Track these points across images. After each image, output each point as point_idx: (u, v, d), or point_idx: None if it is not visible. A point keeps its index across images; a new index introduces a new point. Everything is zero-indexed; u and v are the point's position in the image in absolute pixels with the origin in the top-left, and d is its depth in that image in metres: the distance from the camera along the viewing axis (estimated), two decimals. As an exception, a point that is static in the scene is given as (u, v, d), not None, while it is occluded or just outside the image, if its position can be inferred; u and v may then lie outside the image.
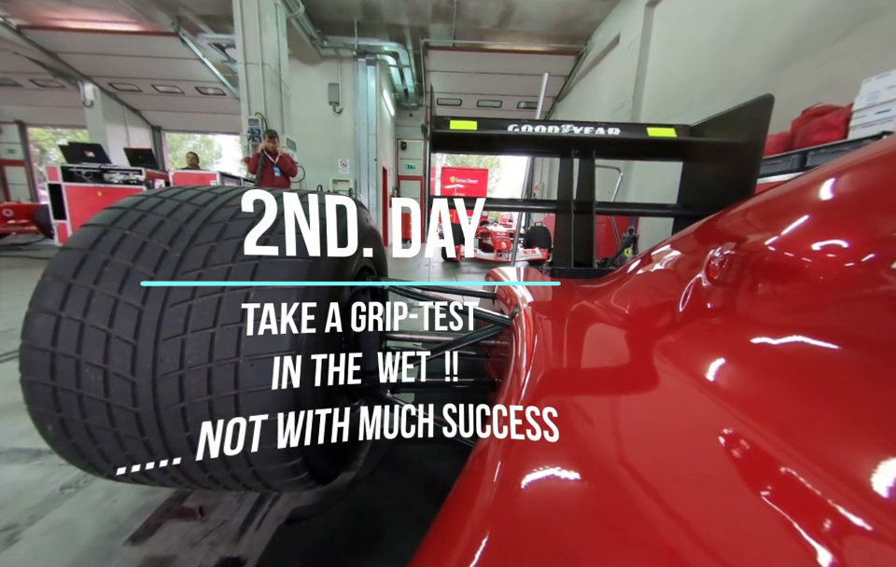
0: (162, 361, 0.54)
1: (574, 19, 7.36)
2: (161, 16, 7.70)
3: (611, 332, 0.66)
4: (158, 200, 0.68)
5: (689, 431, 0.36)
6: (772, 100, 1.11)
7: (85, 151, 4.88)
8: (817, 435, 0.30)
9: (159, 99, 11.12)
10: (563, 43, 8.15)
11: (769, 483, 0.26)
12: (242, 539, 0.83)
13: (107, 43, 8.63)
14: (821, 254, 0.40)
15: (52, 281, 0.56)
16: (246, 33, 5.74)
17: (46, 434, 0.59)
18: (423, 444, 0.99)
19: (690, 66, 5.06)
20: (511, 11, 7.22)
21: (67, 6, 7.61)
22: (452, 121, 1.38)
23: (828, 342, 0.36)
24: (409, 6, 7.27)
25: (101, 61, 9.30)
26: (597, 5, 6.84)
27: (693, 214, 1.31)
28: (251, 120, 5.86)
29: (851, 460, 0.27)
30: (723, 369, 0.41)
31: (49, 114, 12.07)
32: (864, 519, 0.22)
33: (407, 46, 8.47)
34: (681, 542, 0.24)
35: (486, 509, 0.32)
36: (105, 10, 7.69)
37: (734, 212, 0.62)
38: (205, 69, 8.98)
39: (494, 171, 22.98)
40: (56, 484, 0.99)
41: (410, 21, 7.78)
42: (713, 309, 0.49)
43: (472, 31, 7.99)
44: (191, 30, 8.00)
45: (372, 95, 8.65)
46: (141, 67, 9.51)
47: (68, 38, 8.54)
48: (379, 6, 7.33)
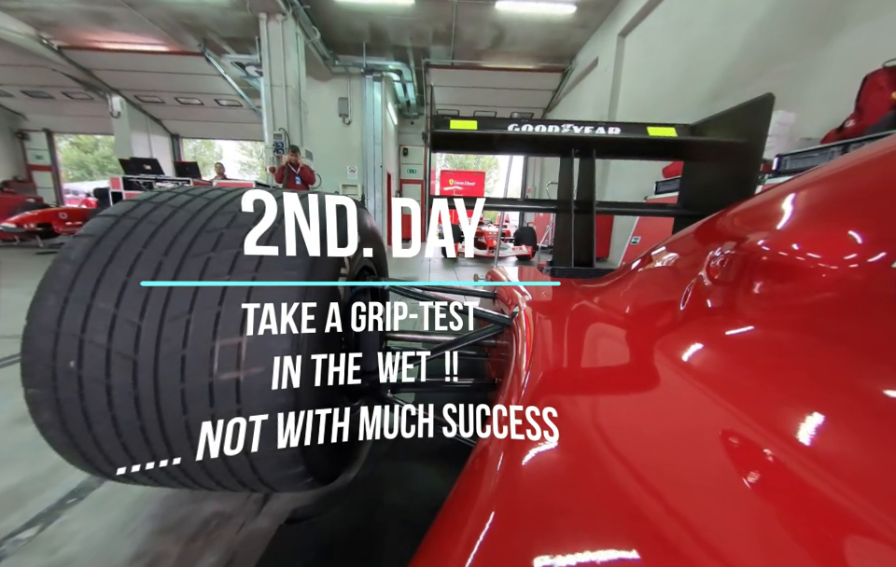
0: (163, 356, 0.53)
1: (559, 42, 8.28)
2: (189, 38, 8.59)
3: (612, 332, 0.65)
4: (171, 195, 0.71)
5: (690, 431, 0.36)
6: (773, 99, 1.11)
7: (143, 164, 5.76)
8: (820, 435, 0.29)
9: (179, 109, 12.01)
10: (550, 62, 9.08)
11: (771, 484, 0.26)
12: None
13: (138, 61, 9.51)
14: (824, 253, 0.40)
15: (63, 263, 0.57)
16: (272, 59, 6.62)
17: (39, 417, 0.56)
18: (423, 444, 0.96)
19: (653, 90, 5.96)
20: (503, 35, 8.13)
21: (106, 30, 8.49)
22: (452, 121, 1.37)
23: (830, 342, 0.36)
24: (412, 31, 8.17)
25: (130, 76, 10.19)
26: (578, 31, 7.75)
27: (693, 214, 1.31)
28: (276, 135, 6.74)
29: (856, 461, 0.26)
30: (725, 369, 0.41)
31: (74, 122, 12.96)
32: (871, 522, 0.21)
33: (410, 64, 9.38)
34: (683, 541, 0.24)
35: (486, 509, 0.32)
36: (139, 33, 8.57)
37: (735, 211, 0.61)
38: (225, 84, 9.86)
39: (492, 171, 23.71)
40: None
41: (413, 43, 8.69)
42: (714, 308, 0.49)
43: (469, 51, 8.89)
44: (216, 50, 8.89)
45: (378, 108, 9.53)
46: (167, 82, 10.40)
47: (103, 57, 9.41)
48: (385, 30, 8.22)
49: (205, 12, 7.55)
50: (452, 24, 7.76)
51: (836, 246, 0.39)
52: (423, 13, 7.44)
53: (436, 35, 8.30)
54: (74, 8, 7.58)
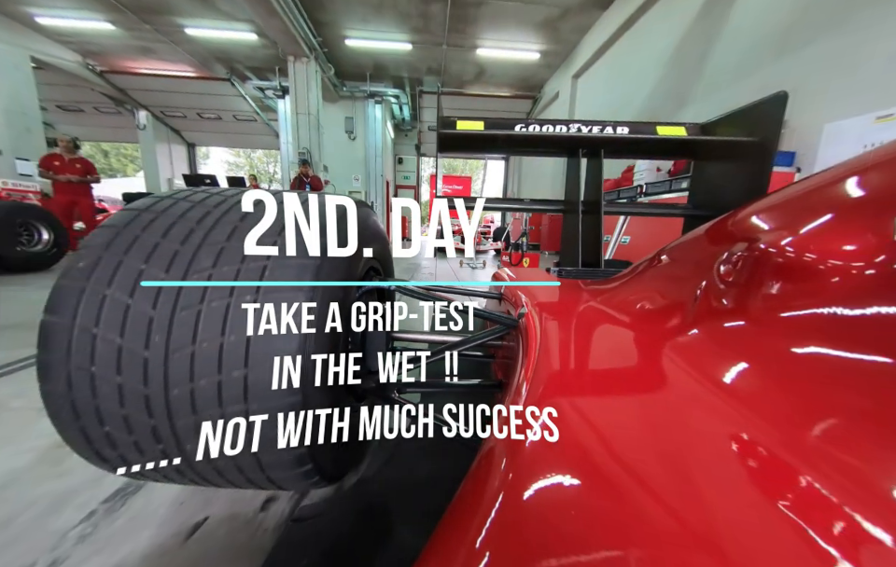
0: (173, 355, 0.54)
1: (529, 76, 10.18)
2: (217, 67, 10.13)
3: (620, 333, 0.65)
4: (187, 193, 0.72)
5: (705, 436, 0.34)
6: (786, 96, 1.12)
7: (204, 179, 7.28)
8: (840, 445, 0.28)
9: (198, 122, 13.46)
10: (522, 90, 11.03)
11: (785, 493, 0.25)
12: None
13: (169, 83, 10.98)
14: (843, 254, 0.39)
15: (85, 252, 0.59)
16: (298, 93, 8.25)
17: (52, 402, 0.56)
18: (428, 444, 0.86)
19: (599, 117, 7.82)
20: (483, 71, 9.98)
21: (145, 58, 9.94)
22: (458, 122, 1.37)
23: (846, 346, 0.35)
24: (408, 66, 9.93)
25: (159, 95, 11.64)
26: (544, 70, 9.65)
27: (704, 214, 1.32)
28: (300, 152, 8.36)
29: (880, 472, 0.25)
30: (740, 374, 0.40)
31: (100, 132, 14.22)
32: (885, 530, 0.20)
33: (406, 90, 11.16)
34: (695, 548, 0.24)
35: (492, 510, 0.31)
36: (174, 61, 10.06)
37: (748, 210, 0.60)
38: (244, 102, 11.40)
39: (478, 173, 25.28)
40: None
41: (409, 74, 10.45)
42: (728, 311, 0.47)
43: (455, 81, 10.71)
44: (240, 77, 10.46)
45: (379, 126, 11.24)
46: (192, 100, 11.91)
47: (138, 79, 10.84)
48: (386, 65, 9.94)
49: (237, 49, 9.13)
50: (441, 63, 9.55)
51: (856, 246, 0.38)
52: (418, 54, 9.21)
53: (428, 69, 10.08)
54: (122, 43, 9.05)
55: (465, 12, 7.45)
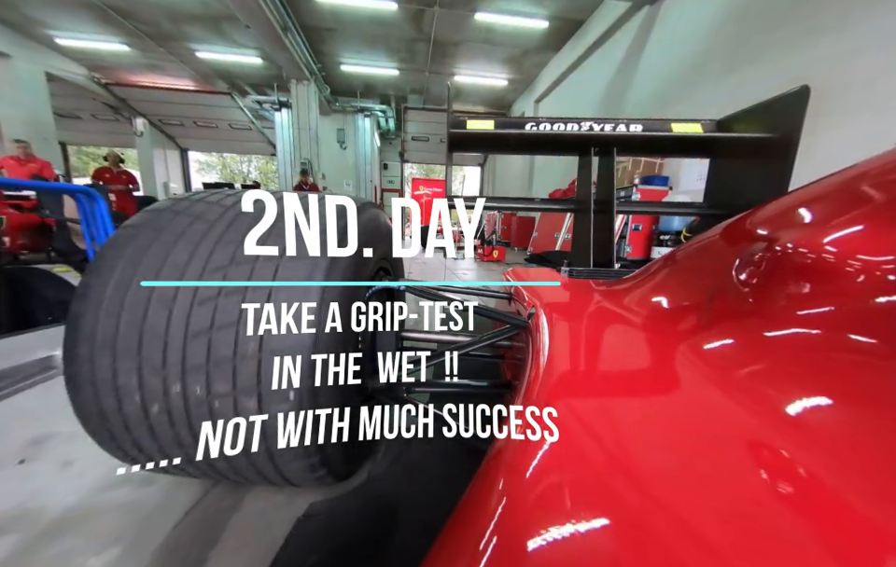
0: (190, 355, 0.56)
1: (500, 98, 11.87)
2: (219, 82, 11.13)
3: (632, 334, 0.64)
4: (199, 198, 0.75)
5: (722, 439, 0.34)
6: (808, 91, 1.10)
7: (224, 188, 8.33)
8: (861, 451, 0.28)
9: (194, 130, 14.23)
10: (495, 108, 12.68)
11: (804, 505, 0.25)
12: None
13: (170, 95, 11.83)
14: (869, 254, 0.38)
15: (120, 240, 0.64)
16: (299, 111, 9.48)
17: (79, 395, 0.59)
18: (438, 443, 0.96)
19: (553, 141, 9.47)
20: (461, 92, 11.56)
21: (149, 72, 10.80)
22: (469, 121, 1.35)
23: (871, 350, 0.34)
24: (394, 87, 11.37)
25: (159, 105, 12.43)
26: (511, 93, 11.38)
27: (720, 213, 1.28)
28: (301, 163, 9.57)
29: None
30: (759, 377, 0.39)
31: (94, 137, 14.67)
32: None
33: (391, 105, 12.58)
34: (706, 552, 0.23)
35: (500, 510, 0.31)
36: (178, 76, 10.97)
37: (769, 208, 0.59)
38: (241, 113, 12.41)
39: (457, 172, 26.55)
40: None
41: (394, 93, 11.91)
42: (746, 312, 0.46)
43: (436, 99, 12.22)
44: (240, 91, 11.49)
45: (368, 136, 12.56)
46: (190, 110, 12.77)
47: (140, 91, 11.62)
48: (375, 85, 11.32)
49: (241, 69, 10.22)
50: (424, 84, 11.04)
51: (882, 247, 0.37)
52: (403, 78, 10.68)
53: (412, 90, 11.56)
54: (132, 61, 9.93)
55: (444, 49, 8.99)
